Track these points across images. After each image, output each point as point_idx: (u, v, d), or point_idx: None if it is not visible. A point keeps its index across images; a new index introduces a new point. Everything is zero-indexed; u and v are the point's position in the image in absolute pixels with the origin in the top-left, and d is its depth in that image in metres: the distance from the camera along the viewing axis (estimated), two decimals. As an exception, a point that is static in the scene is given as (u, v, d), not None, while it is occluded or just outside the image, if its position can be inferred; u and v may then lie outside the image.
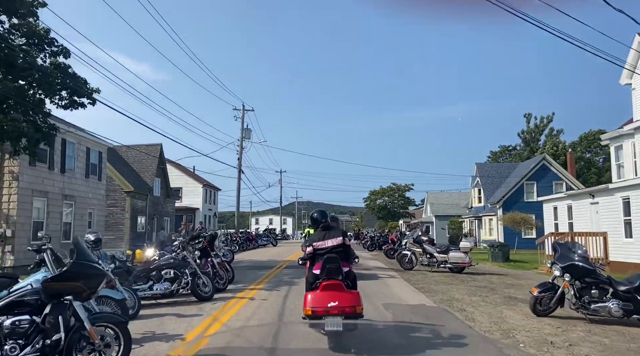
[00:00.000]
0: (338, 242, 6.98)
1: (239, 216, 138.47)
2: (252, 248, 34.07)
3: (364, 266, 19.82)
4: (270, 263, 20.08)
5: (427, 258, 17.25)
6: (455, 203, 69.41)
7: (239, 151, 36.30)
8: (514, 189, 41.04)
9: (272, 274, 15.35)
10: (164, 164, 35.88)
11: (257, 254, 28.04)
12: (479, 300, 10.87)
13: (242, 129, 36.32)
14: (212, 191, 51.16)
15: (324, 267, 6.57)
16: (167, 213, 37.03)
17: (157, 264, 9.63)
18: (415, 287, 12.95)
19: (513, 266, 21.86)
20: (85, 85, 17.98)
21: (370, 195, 47.41)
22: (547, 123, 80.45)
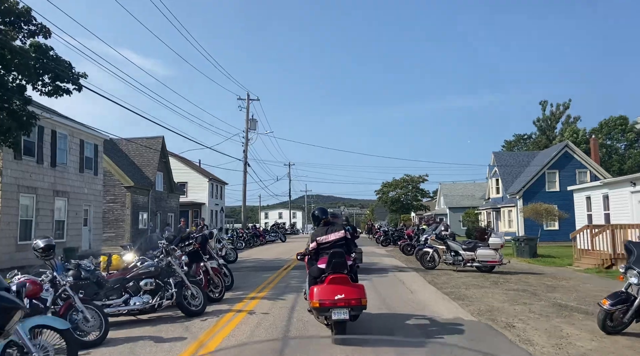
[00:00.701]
0: (341, 235, 7.24)
1: (248, 211, 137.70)
2: (260, 244, 32.42)
3: (380, 264, 18.03)
4: (276, 263, 18.35)
5: (451, 256, 15.40)
6: (470, 194, 67.31)
7: (244, 143, 34.58)
8: (534, 178, 38.89)
9: (277, 278, 13.60)
10: (166, 157, 34.29)
11: (264, 251, 26.36)
12: (524, 310, 9.03)
13: (247, 120, 34.56)
14: (219, 185, 49.58)
15: (330, 261, 6.77)
16: (170, 209, 35.49)
17: (135, 273, 7.91)
18: (444, 292, 11.13)
19: (543, 262, 19.94)
20: (70, 69, 16.32)
21: (382, 187, 45.46)
22: (564, 110, 77.81)
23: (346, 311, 6.42)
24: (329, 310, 6.42)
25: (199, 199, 44.30)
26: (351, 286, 6.73)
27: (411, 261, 19.21)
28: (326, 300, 6.44)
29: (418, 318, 8.33)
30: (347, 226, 17.76)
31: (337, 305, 6.40)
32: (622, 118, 57.66)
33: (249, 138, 34.82)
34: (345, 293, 6.50)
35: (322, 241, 7.25)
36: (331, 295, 6.46)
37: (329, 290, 6.54)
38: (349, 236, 7.75)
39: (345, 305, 6.42)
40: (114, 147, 31.91)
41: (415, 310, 9.10)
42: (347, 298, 6.45)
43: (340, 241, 7.22)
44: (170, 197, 35.50)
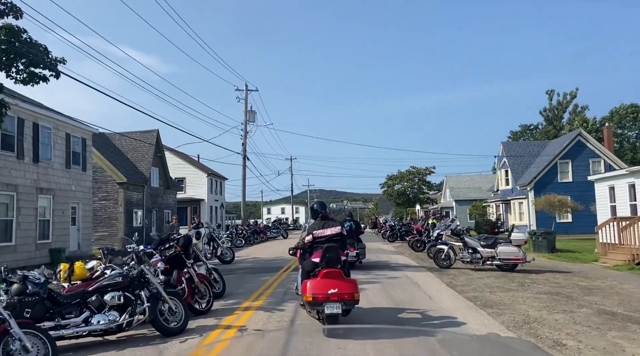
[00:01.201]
0: (337, 231, 7.32)
1: (251, 207, 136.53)
2: (261, 242, 31.03)
3: (390, 263, 16.58)
4: (276, 263, 16.93)
5: (469, 254, 13.94)
6: (477, 187, 65.74)
7: (243, 136, 33.11)
8: (546, 169, 37.32)
9: (276, 281, 12.17)
10: (161, 152, 32.86)
11: (264, 249, 24.95)
12: (567, 321, 7.58)
13: (245, 111, 33.06)
14: (218, 180, 48.17)
15: (324, 256, 6.80)
16: (167, 205, 34.10)
17: (98, 285, 6.48)
18: (466, 297, 9.68)
19: (564, 258, 18.50)
20: (46, 54, 14.90)
21: (387, 180, 43.92)
22: (571, 99, 76.17)
23: (339, 305, 6.49)
24: (322, 304, 6.51)
25: (198, 195, 42.91)
26: (344, 280, 6.80)
27: (422, 258, 17.79)
28: (319, 294, 6.51)
29: (445, 333, 6.87)
30: (351, 221, 16.41)
31: (330, 299, 6.48)
32: (633, 106, 55.95)
33: (248, 131, 33.38)
34: (339, 287, 6.56)
35: (318, 235, 7.31)
36: (324, 289, 6.52)
37: (323, 284, 6.59)
38: (345, 233, 7.70)
39: (338, 299, 6.50)
40: (107, 142, 30.50)
41: (438, 322, 7.65)
42: (340, 293, 6.52)
43: (335, 236, 7.29)
44: (167, 193, 34.11)
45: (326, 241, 7.17)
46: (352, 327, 4.77)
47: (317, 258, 6.97)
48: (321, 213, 7.67)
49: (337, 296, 6.49)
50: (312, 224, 7.82)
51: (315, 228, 7.43)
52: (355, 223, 16.83)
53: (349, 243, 15.33)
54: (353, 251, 14.38)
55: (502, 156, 43.11)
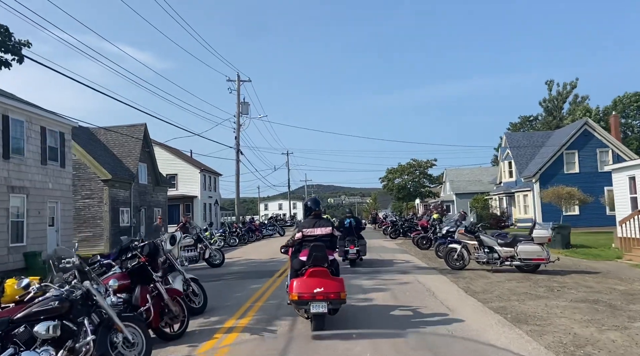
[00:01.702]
0: (327, 232, 7.26)
1: (248, 202, 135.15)
2: (256, 240, 29.50)
3: (395, 263, 15.07)
4: (270, 265, 15.41)
5: (485, 253, 12.44)
6: (477, 180, 64.37)
7: (236, 129, 31.49)
8: (551, 160, 35.90)
9: (269, 290, 10.64)
10: (150, 147, 31.22)
11: (259, 248, 23.43)
12: (626, 341, 6.09)
13: (238, 103, 31.43)
14: (212, 176, 46.55)
15: (310, 254, 6.76)
16: (157, 203, 32.50)
17: (27, 312, 4.92)
18: (492, 308, 8.17)
19: (583, 255, 17.04)
20: (8, 36, 13.31)
21: (387, 174, 42.39)
22: (571, 90, 74.88)
23: (325, 304, 6.42)
24: (308, 303, 6.44)
25: (191, 192, 41.33)
26: (331, 279, 6.71)
27: (430, 257, 16.31)
28: (305, 293, 6.45)
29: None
30: (351, 217, 15.92)
31: (315, 298, 6.41)
32: (637, 94, 54.51)
33: (241, 123, 31.74)
34: (325, 286, 6.49)
35: (307, 234, 7.23)
36: (310, 288, 6.46)
37: (308, 283, 6.53)
38: (337, 234, 7.60)
39: (323, 298, 6.43)
40: (91, 137, 28.88)
41: (464, 344, 6.13)
42: (326, 292, 6.45)
43: (325, 237, 7.22)
44: (157, 190, 32.50)
45: (315, 241, 7.09)
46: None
47: (305, 257, 6.89)
48: (314, 211, 7.56)
49: (322, 296, 6.41)
50: (303, 221, 7.81)
51: (306, 226, 7.35)
52: (356, 220, 16.20)
53: (348, 240, 14.49)
54: (354, 248, 14.21)
55: (505, 148, 41.66)
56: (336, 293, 6.50)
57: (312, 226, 7.29)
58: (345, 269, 13.46)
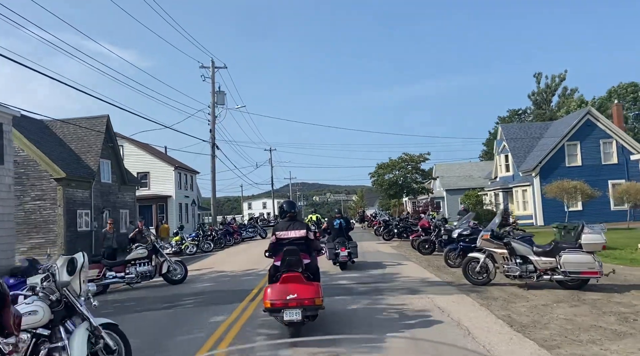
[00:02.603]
0: (300, 234, 6.96)
1: (231, 201, 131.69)
2: (235, 244, 26.53)
3: (398, 276, 12.21)
4: (244, 282, 12.43)
5: (517, 265, 9.68)
6: (468, 175, 62.19)
7: (211, 121, 28.40)
8: (552, 152, 33.57)
9: (236, 325, 7.64)
10: (113, 141, 27.96)
11: (235, 255, 20.45)
12: None
13: (213, 92, 28.33)
14: (188, 174, 43.28)
15: (284, 259, 6.52)
16: (124, 204, 29.26)
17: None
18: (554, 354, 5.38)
19: (614, 259, 14.41)
20: None
21: (377, 169, 39.66)
22: (560, 82, 73.34)
23: (298, 311, 6.14)
24: (281, 310, 6.18)
25: (164, 191, 38.06)
26: (305, 284, 6.38)
27: (438, 266, 13.57)
28: (277, 299, 6.20)
29: None
30: (340, 218, 15.18)
31: (288, 305, 6.14)
32: (634, 85, 52.70)
33: (217, 115, 28.66)
34: (298, 292, 6.21)
35: (281, 237, 7.02)
36: (283, 295, 6.19)
37: (281, 290, 6.26)
38: (311, 237, 7.12)
39: (297, 305, 6.15)
40: (45, 130, 25.54)
41: None
42: (300, 298, 6.16)
43: (299, 239, 6.94)
44: (123, 190, 29.25)
45: (289, 244, 6.83)
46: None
47: (279, 262, 6.68)
48: (289, 213, 7.31)
49: (296, 302, 6.14)
50: (277, 224, 7.52)
51: (280, 228, 7.15)
52: (345, 220, 15.44)
53: (339, 242, 13.67)
54: (345, 251, 13.47)
55: (500, 140, 39.24)
56: (310, 299, 6.19)
57: (285, 229, 7.06)
58: (338, 287, 10.60)
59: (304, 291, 6.24)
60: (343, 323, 7.37)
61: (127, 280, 11.71)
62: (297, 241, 6.88)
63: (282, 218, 7.43)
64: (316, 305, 6.26)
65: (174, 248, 22.75)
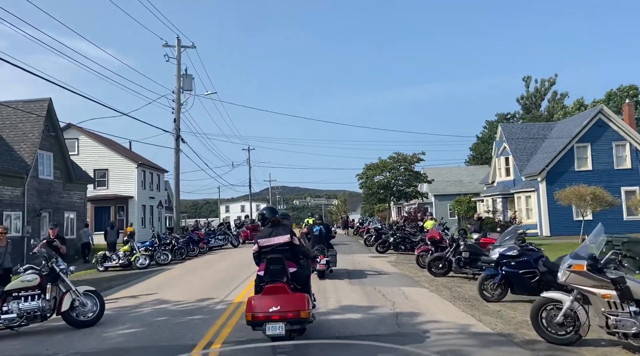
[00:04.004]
0: (284, 240, 6.53)
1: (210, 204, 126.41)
2: (199, 254, 22.31)
3: (417, 319, 8.22)
4: (188, 327, 8.19)
5: (631, 316, 5.84)
6: (457, 180, 58.93)
7: (175, 109, 24.17)
8: (560, 154, 30.28)
9: None
10: (57, 130, 23.49)
11: (192, 273, 16.26)
12: None
13: (178, 75, 24.10)
14: (155, 173, 38.77)
15: (267, 268, 6.22)
16: (70, 205, 24.80)
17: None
18: None
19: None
20: None
21: (365, 170, 35.78)
22: (550, 86, 71.21)
23: (282, 325, 5.76)
24: (263, 323, 5.82)
25: (125, 191, 33.56)
26: (289, 296, 5.98)
27: (464, 296, 9.81)
28: (259, 312, 5.82)
29: None
30: (320, 224, 14.49)
31: (271, 318, 5.77)
32: (633, 88, 50.19)
33: (183, 103, 24.45)
34: (282, 304, 5.82)
35: (263, 244, 6.57)
36: (265, 307, 5.82)
37: (264, 301, 5.91)
38: (297, 242, 6.69)
39: (280, 318, 5.76)
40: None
41: None
42: (283, 311, 5.77)
43: (283, 246, 6.48)
44: (70, 188, 24.77)
45: (272, 252, 6.36)
46: None
47: (262, 271, 6.30)
48: (271, 219, 6.76)
49: (279, 315, 5.74)
50: (260, 232, 7.13)
51: (262, 236, 6.71)
52: (326, 227, 14.86)
53: (317, 249, 12.85)
54: (323, 259, 12.76)
55: (500, 141, 35.85)
56: (295, 312, 5.77)
57: (268, 236, 6.59)
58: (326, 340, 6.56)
59: (288, 303, 5.86)
60: None
61: (5, 322, 7.52)
62: (281, 248, 6.43)
63: (264, 224, 6.90)
64: (302, 317, 5.84)
65: (122, 260, 18.48)
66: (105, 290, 12.86)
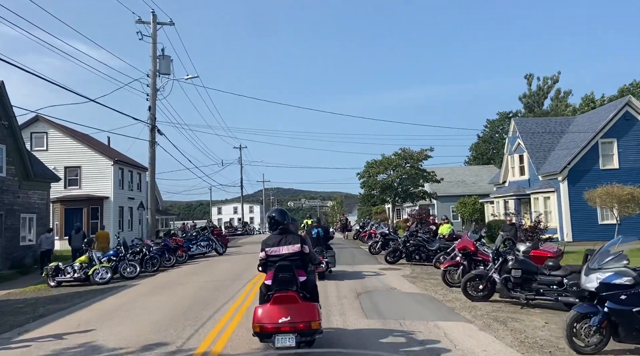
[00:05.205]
0: (295, 250, 6.18)
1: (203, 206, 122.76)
2: (175, 264, 19.03)
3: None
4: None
5: None
6: (460, 180, 55.90)
7: (150, 95, 20.87)
8: (584, 151, 27.29)
9: None
10: (10, 119, 20.10)
11: (159, 293, 12.94)
12: None
13: (154, 56, 20.81)
14: (135, 171, 35.35)
15: (276, 276, 5.87)
16: (28, 207, 21.42)
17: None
18: None
19: None
20: None
21: (367, 168, 32.51)
22: (553, 84, 68.29)
23: (292, 337, 5.53)
24: (272, 335, 5.58)
25: (99, 191, 30.18)
26: (300, 305, 5.70)
27: (537, 341, 6.57)
28: (268, 323, 5.59)
29: None
30: (319, 227, 15.00)
31: (281, 329, 5.53)
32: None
33: (160, 88, 21.13)
34: (292, 315, 5.57)
35: (271, 253, 6.21)
36: (274, 318, 5.58)
37: (273, 312, 5.63)
38: (307, 251, 6.30)
39: (290, 329, 5.53)
40: None
41: None
42: (293, 321, 5.54)
43: (293, 256, 6.12)
44: (28, 187, 21.39)
45: (281, 260, 6.03)
46: None
47: (269, 280, 5.93)
48: (282, 225, 6.35)
49: (289, 326, 5.51)
50: (267, 238, 6.53)
51: (270, 244, 6.27)
52: (324, 229, 15.22)
53: (317, 251, 12.42)
54: (322, 260, 12.60)
55: (514, 137, 32.78)
56: (306, 323, 5.54)
57: (276, 244, 6.21)
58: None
59: (298, 314, 5.59)
60: None
61: None
62: (291, 257, 6.08)
63: (273, 229, 6.44)
64: (312, 329, 5.60)
65: (77, 274, 15.15)
66: (34, 320, 9.61)
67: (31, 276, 18.99)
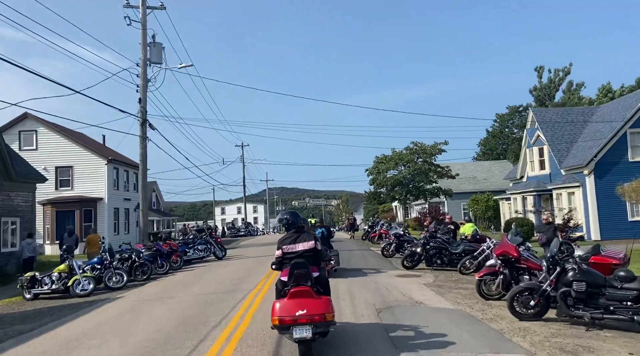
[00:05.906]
0: (309, 246, 6.63)
1: (208, 206, 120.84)
2: (168, 271, 17.22)
3: None
4: None
5: None
6: (471, 176, 53.70)
7: (140, 86, 19.06)
8: (611, 142, 25.28)
9: None
10: (-14, 113, 18.23)
11: (143, 309, 11.10)
12: None
13: (144, 43, 18.99)
14: (131, 171, 33.56)
15: (291, 273, 6.22)
16: (11, 210, 19.69)
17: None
18: None
19: None
20: None
21: (377, 163, 30.57)
22: (564, 76, 66.02)
23: (309, 328, 5.76)
24: (290, 327, 5.81)
25: (92, 192, 28.43)
26: (315, 299, 6.00)
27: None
28: (286, 316, 5.83)
29: None
30: (322, 227, 16.29)
31: (298, 321, 5.78)
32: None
33: (151, 79, 19.33)
34: (308, 308, 5.83)
35: (287, 251, 6.64)
36: (292, 311, 5.83)
37: (290, 305, 5.89)
38: (320, 247, 6.78)
39: (307, 321, 5.78)
40: None
41: None
42: (310, 314, 5.79)
43: (307, 252, 6.58)
44: (10, 189, 19.63)
45: (296, 257, 6.49)
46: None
47: (285, 276, 6.31)
48: (297, 225, 6.87)
49: (305, 318, 5.75)
50: (282, 237, 6.92)
51: (286, 242, 6.69)
52: (327, 229, 16.25)
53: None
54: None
55: (533, 129, 30.75)
56: (321, 315, 5.79)
57: (293, 242, 6.64)
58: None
59: (314, 307, 5.83)
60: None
61: None
62: (306, 254, 6.53)
63: (287, 229, 6.98)
64: (327, 321, 5.86)
65: (55, 285, 13.38)
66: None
67: (12, 287, 17.22)
